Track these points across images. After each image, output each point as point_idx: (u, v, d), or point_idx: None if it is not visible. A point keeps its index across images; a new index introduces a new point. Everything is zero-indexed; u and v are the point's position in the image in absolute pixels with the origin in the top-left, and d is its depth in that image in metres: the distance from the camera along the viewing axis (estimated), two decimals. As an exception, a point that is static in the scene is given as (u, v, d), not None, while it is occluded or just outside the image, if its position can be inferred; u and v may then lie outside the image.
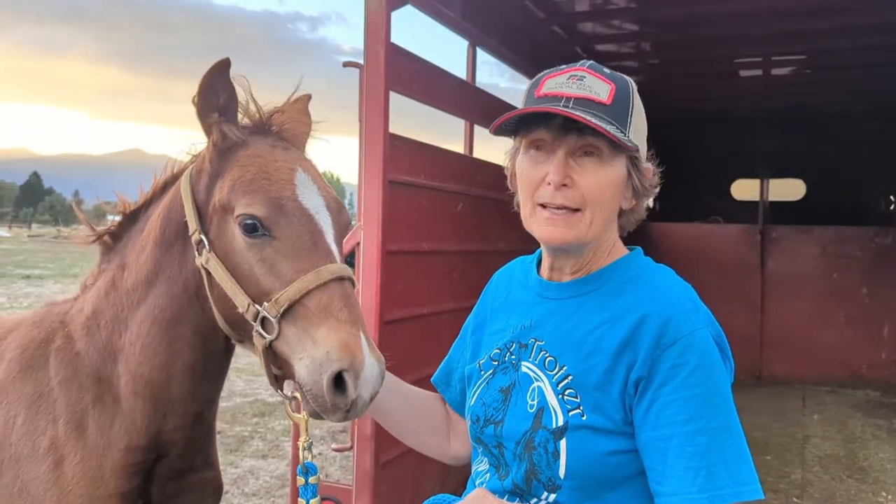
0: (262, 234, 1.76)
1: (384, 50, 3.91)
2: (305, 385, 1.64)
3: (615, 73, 1.59)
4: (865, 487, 6.15)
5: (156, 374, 1.96)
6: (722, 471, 1.37)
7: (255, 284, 1.75)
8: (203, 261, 1.84)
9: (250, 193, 1.79)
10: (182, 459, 2.09)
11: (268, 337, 1.71)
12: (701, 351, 1.43)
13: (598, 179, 1.52)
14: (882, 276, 9.63)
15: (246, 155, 1.86)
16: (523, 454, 1.53)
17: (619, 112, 1.52)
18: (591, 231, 1.55)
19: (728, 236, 10.49)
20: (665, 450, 1.39)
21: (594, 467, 1.46)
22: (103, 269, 2.12)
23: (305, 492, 1.76)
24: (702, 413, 1.39)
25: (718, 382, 1.44)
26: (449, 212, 5.04)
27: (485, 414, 1.65)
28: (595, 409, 1.47)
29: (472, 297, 1.93)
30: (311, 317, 1.67)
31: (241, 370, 10.80)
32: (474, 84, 5.61)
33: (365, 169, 3.94)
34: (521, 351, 1.63)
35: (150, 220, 2.05)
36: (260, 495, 5.88)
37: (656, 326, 1.44)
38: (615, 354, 1.46)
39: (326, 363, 1.61)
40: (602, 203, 1.54)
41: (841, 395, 9.36)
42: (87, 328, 2.05)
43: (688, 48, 7.13)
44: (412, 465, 4.53)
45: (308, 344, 1.65)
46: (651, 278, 1.57)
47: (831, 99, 9.32)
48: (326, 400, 1.62)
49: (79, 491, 1.96)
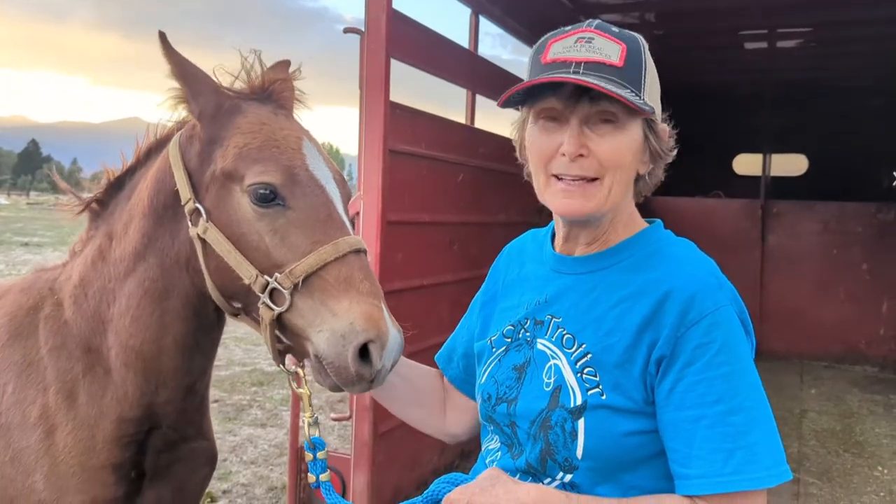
0: (275, 204, 1.70)
1: (385, 15, 3.85)
2: (326, 357, 1.60)
3: (624, 31, 1.50)
4: (861, 462, 6.19)
5: (147, 346, 1.93)
6: (763, 451, 1.33)
7: (266, 255, 1.69)
8: (199, 231, 1.76)
9: (262, 161, 1.72)
10: (175, 431, 2.07)
11: (277, 309, 1.66)
12: (727, 328, 1.38)
13: (615, 146, 1.44)
14: (883, 252, 9.61)
15: (248, 122, 1.80)
16: (538, 433, 1.48)
17: (632, 74, 1.43)
18: (609, 200, 1.47)
19: (729, 211, 10.45)
20: (692, 431, 1.35)
21: (613, 448, 1.41)
22: (91, 236, 2.08)
23: (314, 467, 1.74)
24: (733, 393, 1.34)
25: (746, 360, 1.39)
26: (450, 182, 5.01)
27: (497, 392, 1.60)
28: (615, 388, 1.42)
29: (472, 268, 1.93)
30: (331, 289, 1.63)
31: (239, 339, 10.83)
32: (476, 53, 5.55)
33: (365, 137, 3.89)
34: (536, 328, 1.57)
35: (137, 190, 1.99)
36: (258, 463, 5.91)
37: (680, 304, 1.38)
38: (637, 332, 1.41)
39: (351, 335, 1.58)
40: (621, 170, 1.47)
41: (839, 370, 9.39)
42: (75, 297, 2.01)
43: (693, 19, 7.04)
44: (410, 436, 4.54)
45: (327, 316, 1.61)
46: (673, 253, 1.51)
47: (835, 73, 9.24)
48: (351, 371, 1.59)
49: (71, 461, 1.94)
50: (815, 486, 5.61)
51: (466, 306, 1.91)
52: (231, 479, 5.54)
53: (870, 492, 5.57)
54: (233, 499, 5.23)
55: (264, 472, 5.73)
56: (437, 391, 1.91)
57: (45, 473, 1.94)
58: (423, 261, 4.61)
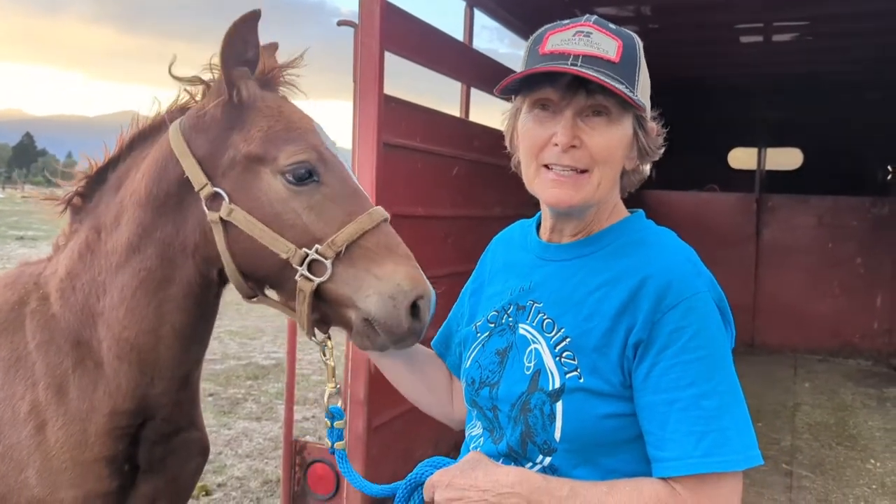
0: (311, 181, 1.78)
1: (379, 8, 3.83)
2: (379, 319, 1.69)
3: (621, 28, 1.54)
4: (854, 454, 6.22)
5: (143, 338, 1.92)
6: (734, 435, 1.36)
7: (303, 231, 1.75)
8: (223, 214, 1.78)
9: (293, 142, 1.79)
10: (168, 422, 2.07)
11: (316, 279, 1.71)
12: (703, 314, 1.40)
13: (607, 139, 1.48)
14: (877, 246, 9.63)
15: (266, 106, 1.85)
16: (518, 417, 1.51)
17: (627, 70, 1.48)
18: (598, 192, 1.51)
19: (724, 205, 10.46)
20: (666, 414, 1.37)
21: (590, 430, 1.44)
22: (75, 230, 2.06)
23: (332, 434, 1.82)
24: (707, 376, 1.37)
25: (721, 346, 1.41)
26: (444, 176, 5.00)
27: (480, 376, 1.63)
28: (593, 371, 1.44)
29: (468, 262, 1.92)
30: (372, 255, 1.73)
31: (234, 333, 10.83)
32: (471, 46, 5.53)
33: (359, 130, 3.88)
34: (518, 313, 1.61)
35: (129, 182, 1.98)
36: (253, 457, 5.92)
37: (657, 289, 1.41)
38: (615, 317, 1.44)
39: (400, 295, 1.69)
40: (611, 163, 1.50)
41: (833, 364, 9.43)
42: (62, 290, 2.00)
43: (689, 13, 7.03)
44: (404, 430, 4.55)
45: (372, 280, 1.70)
46: (653, 241, 1.54)
47: (831, 67, 9.23)
48: (404, 328, 1.69)
49: (63, 455, 1.93)
50: (808, 479, 5.63)
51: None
52: (226, 473, 5.55)
53: (862, 484, 5.60)
54: (228, 492, 5.23)
55: (259, 465, 5.73)
56: (444, 377, 1.95)
57: (38, 469, 1.93)
58: (418, 254, 4.55)
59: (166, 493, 2.13)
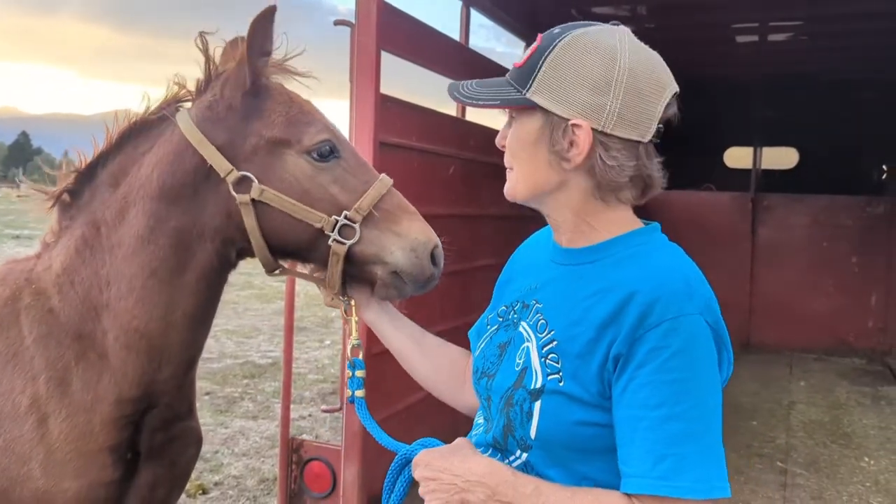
0: (333, 157, 1.96)
1: (376, 8, 3.85)
2: (406, 269, 1.91)
3: (567, 26, 1.53)
4: (849, 452, 6.25)
5: (154, 325, 1.98)
6: (696, 465, 1.33)
7: (331, 201, 1.93)
8: (253, 195, 1.91)
9: (312, 124, 1.97)
10: (170, 409, 2.12)
11: (348, 242, 1.90)
12: (686, 336, 1.37)
13: (510, 139, 1.59)
14: (872, 245, 9.66)
15: (277, 93, 2.00)
16: (504, 409, 1.55)
17: (524, 71, 1.53)
18: (519, 186, 1.60)
19: (720, 204, 10.48)
20: (633, 430, 1.37)
21: (563, 434, 1.46)
22: (66, 227, 2.09)
23: (352, 383, 1.95)
24: (676, 399, 1.35)
25: (701, 372, 1.38)
26: (441, 175, 5.01)
27: (482, 367, 1.69)
28: (573, 377, 1.46)
29: (463, 261, 1.95)
30: (390, 216, 1.94)
31: (231, 332, 10.83)
32: (468, 46, 5.54)
33: (355, 129, 3.89)
34: (522, 311, 1.65)
35: (131, 177, 2.01)
36: (250, 455, 5.92)
37: (642, 305, 1.40)
38: (599, 327, 1.44)
39: (420, 246, 1.93)
40: (518, 159, 1.58)
41: (828, 362, 9.46)
42: (59, 286, 2.02)
43: (685, 12, 7.05)
44: (401, 427, 4.55)
45: (393, 238, 1.92)
46: (651, 257, 1.51)
47: (826, 67, 9.26)
48: (428, 274, 1.95)
49: (67, 447, 1.96)
50: (803, 477, 5.66)
51: (456, 298, 1.97)
52: (223, 472, 5.55)
53: (856, 482, 5.62)
54: (224, 490, 5.24)
55: (256, 464, 5.74)
56: (456, 365, 1.99)
57: (41, 461, 1.95)
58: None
59: (165, 480, 2.17)
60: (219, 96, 1.97)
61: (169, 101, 2.06)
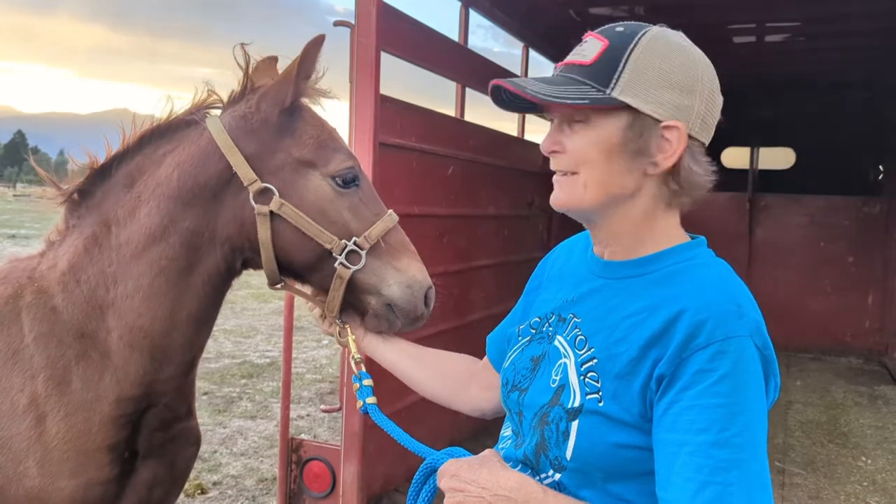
0: (354, 185, 2.03)
1: (375, 9, 3.85)
2: (399, 303, 1.97)
3: (629, 25, 1.48)
4: (846, 452, 6.27)
5: (158, 324, 2.00)
6: (741, 494, 1.26)
7: (343, 226, 1.98)
8: (273, 207, 1.95)
9: (340, 151, 2.04)
10: (169, 409, 2.13)
11: (353, 267, 1.96)
12: (734, 360, 1.31)
13: (581, 142, 1.46)
14: (869, 245, 9.70)
15: (311, 115, 2.06)
16: (537, 427, 1.49)
17: (600, 69, 1.42)
18: (587, 194, 1.47)
19: (717, 204, 10.48)
20: (675, 455, 1.31)
21: (601, 456, 1.40)
22: (73, 225, 2.09)
23: (362, 393, 1.97)
24: (722, 426, 1.28)
25: (749, 397, 1.31)
26: (440, 175, 5.02)
27: (513, 379, 1.63)
28: (614, 397, 1.40)
29: (462, 260, 1.95)
30: (393, 251, 2.01)
31: (229, 332, 10.83)
32: (466, 46, 5.55)
33: (355, 130, 3.90)
34: (559, 324, 1.58)
35: (150, 176, 2.03)
36: (248, 455, 5.92)
37: (689, 326, 1.34)
38: (643, 347, 1.38)
39: (416, 284, 1.99)
40: (590, 165, 1.45)
41: (825, 362, 9.49)
42: (64, 284, 2.03)
43: (682, 13, 7.06)
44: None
45: (392, 272, 1.99)
46: (699, 274, 1.45)
47: (823, 68, 9.29)
48: (419, 311, 1.99)
49: (64, 446, 1.96)
50: (800, 477, 5.68)
51: (456, 298, 1.99)
52: (221, 471, 5.56)
53: (853, 481, 5.64)
54: (223, 490, 5.24)
55: (254, 463, 5.74)
56: (459, 370, 2.01)
57: (38, 459, 1.96)
58: (413, 253, 4.62)
59: (164, 479, 2.17)
60: (254, 108, 2.00)
61: (198, 106, 2.08)
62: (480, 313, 5.54)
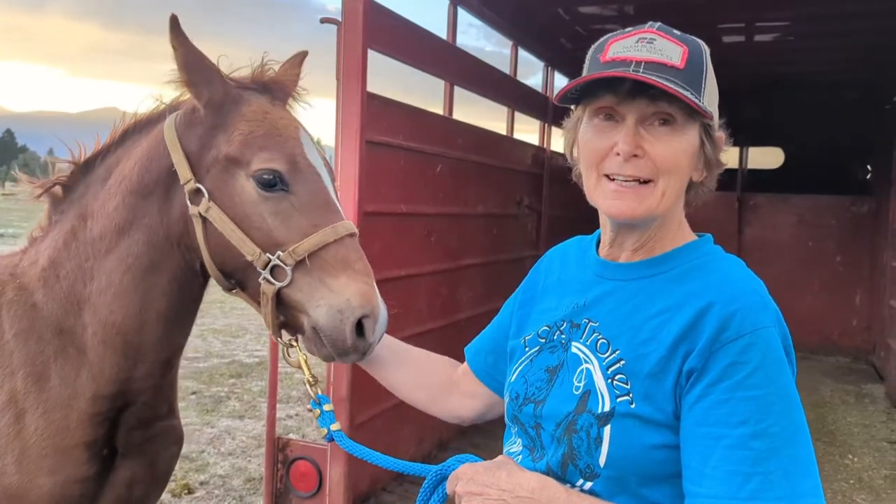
0: (279, 189, 1.82)
1: (363, 6, 3.84)
2: (324, 330, 1.74)
3: (686, 35, 1.48)
4: (833, 450, 6.30)
5: (129, 321, 1.97)
6: (781, 480, 1.26)
7: (268, 235, 1.81)
8: (201, 209, 1.85)
9: (268, 149, 1.84)
10: (148, 408, 2.11)
11: (277, 284, 1.77)
12: (765, 351, 1.32)
13: (671, 148, 1.42)
14: (857, 244, 9.75)
15: (251, 110, 1.90)
16: (563, 437, 1.45)
17: (692, 76, 1.40)
18: (662, 204, 1.45)
19: (706, 203, 10.42)
20: (709, 449, 1.30)
21: (637, 459, 1.37)
22: (56, 221, 2.09)
23: (324, 420, 1.86)
24: (760, 416, 1.28)
25: (782, 386, 1.32)
26: (427, 173, 5.00)
27: (526, 392, 1.57)
28: (645, 398, 1.37)
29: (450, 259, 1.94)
30: (329, 267, 1.77)
31: (218, 331, 10.79)
32: (455, 44, 5.54)
33: (342, 128, 3.88)
34: (572, 330, 1.55)
35: (119, 169, 2.02)
36: (236, 454, 5.90)
37: (719, 319, 1.33)
38: (673, 344, 1.37)
39: (348, 310, 1.73)
40: (675, 174, 1.44)
41: (812, 360, 9.52)
42: (45, 279, 2.02)
43: (671, 12, 7.07)
44: (386, 427, 4.55)
45: (325, 292, 1.75)
46: (720, 268, 1.48)
47: (812, 67, 9.32)
48: (348, 343, 1.74)
49: (43, 443, 1.95)
50: (788, 475, 5.69)
51: (444, 297, 1.95)
52: (209, 471, 5.53)
53: (840, 479, 5.67)
54: (210, 490, 5.22)
55: (242, 463, 5.72)
56: (441, 376, 1.95)
57: (17, 457, 1.95)
58: (401, 252, 4.61)
59: (144, 478, 2.16)
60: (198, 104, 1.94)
61: (173, 104, 2.05)
62: (469, 312, 5.53)
